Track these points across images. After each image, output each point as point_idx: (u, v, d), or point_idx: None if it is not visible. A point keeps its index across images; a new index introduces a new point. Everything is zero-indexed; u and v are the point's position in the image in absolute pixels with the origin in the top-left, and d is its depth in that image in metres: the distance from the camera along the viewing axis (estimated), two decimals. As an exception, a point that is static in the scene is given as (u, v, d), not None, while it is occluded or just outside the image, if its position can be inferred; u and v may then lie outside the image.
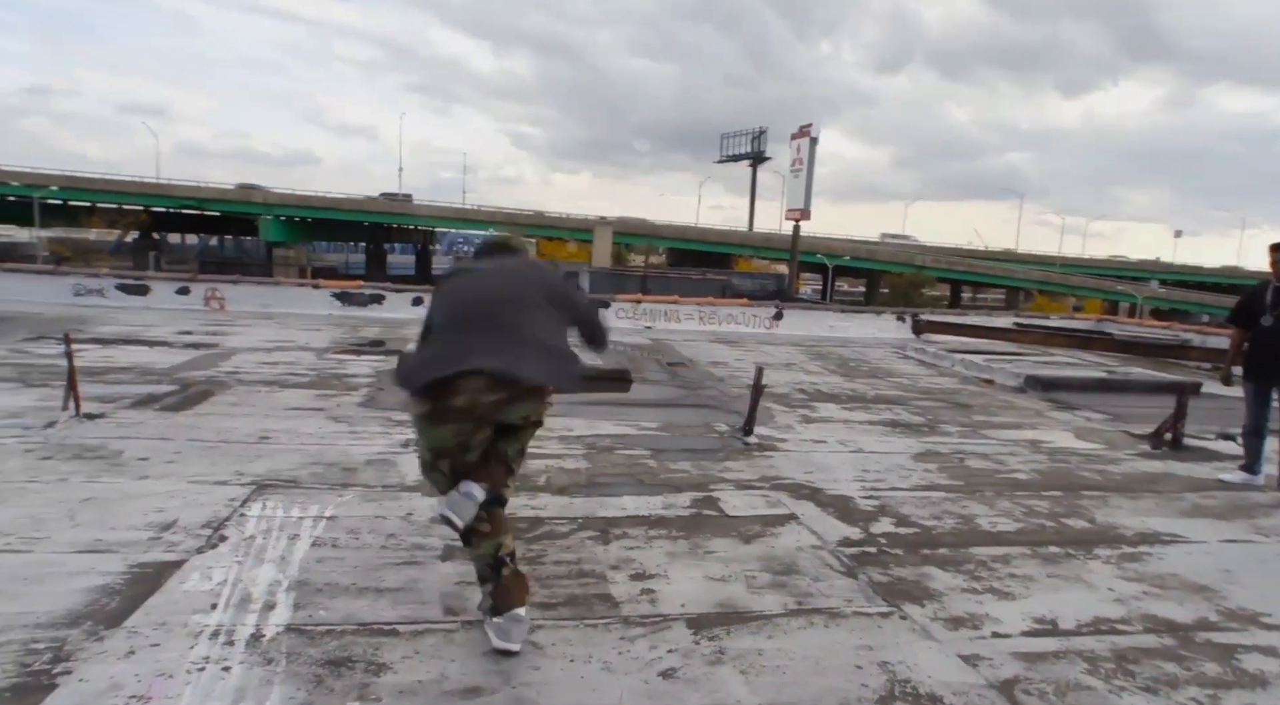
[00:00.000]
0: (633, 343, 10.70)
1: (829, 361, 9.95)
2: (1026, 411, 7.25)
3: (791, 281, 39.63)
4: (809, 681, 2.04)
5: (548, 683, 1.96)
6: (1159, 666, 2.49)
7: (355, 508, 3.21)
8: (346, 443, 4.83)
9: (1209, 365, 10.49)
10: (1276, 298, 4.48)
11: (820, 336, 12.11)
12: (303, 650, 2.04)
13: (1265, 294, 4.57)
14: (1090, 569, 3.36)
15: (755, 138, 77.12)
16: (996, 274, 52.50)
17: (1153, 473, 5.18)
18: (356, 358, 8.30)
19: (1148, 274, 54.67)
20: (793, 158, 37.98)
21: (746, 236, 57.88)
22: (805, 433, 5.87)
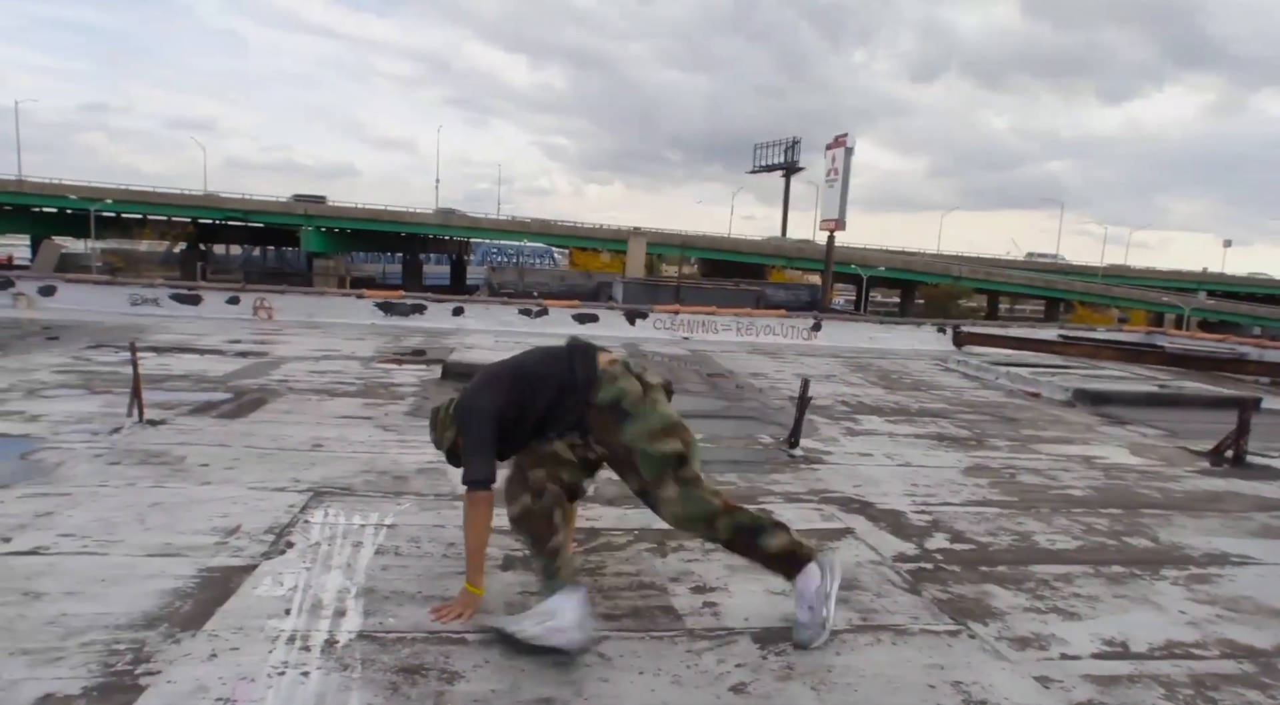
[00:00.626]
0: (671, 353, 10.71)
1: (870, 373, 9.85)
2: (1076, 426, 7.09)
3: (826, 292, 39.31)
4: (882, 701, 2.02)
5: (618, 695, 1.96)
6: (1240, 694, 2.41)
7: (413, 516, 3.26)
8: (396, 451, 4.91)
9: (1267, 379, 10.16)
10: None
11: (860, 348, 11.99)
12: (376, 657, 2.08)
13: None
14: (1158, 590, 3.26)
15: (789, 148, 76.85)
16: (1037, 285, 51.48)
17: (1216, 491, 5.02)
18: (400, 367, 8.44)
19: (1196, 284, 53.22)
20: (827, 168, 37.78)
21: (780, 246, 57.62)
22: (850, 445, 5.81)
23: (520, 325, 11.97)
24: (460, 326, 12.02)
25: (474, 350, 8.80)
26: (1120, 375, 9.89)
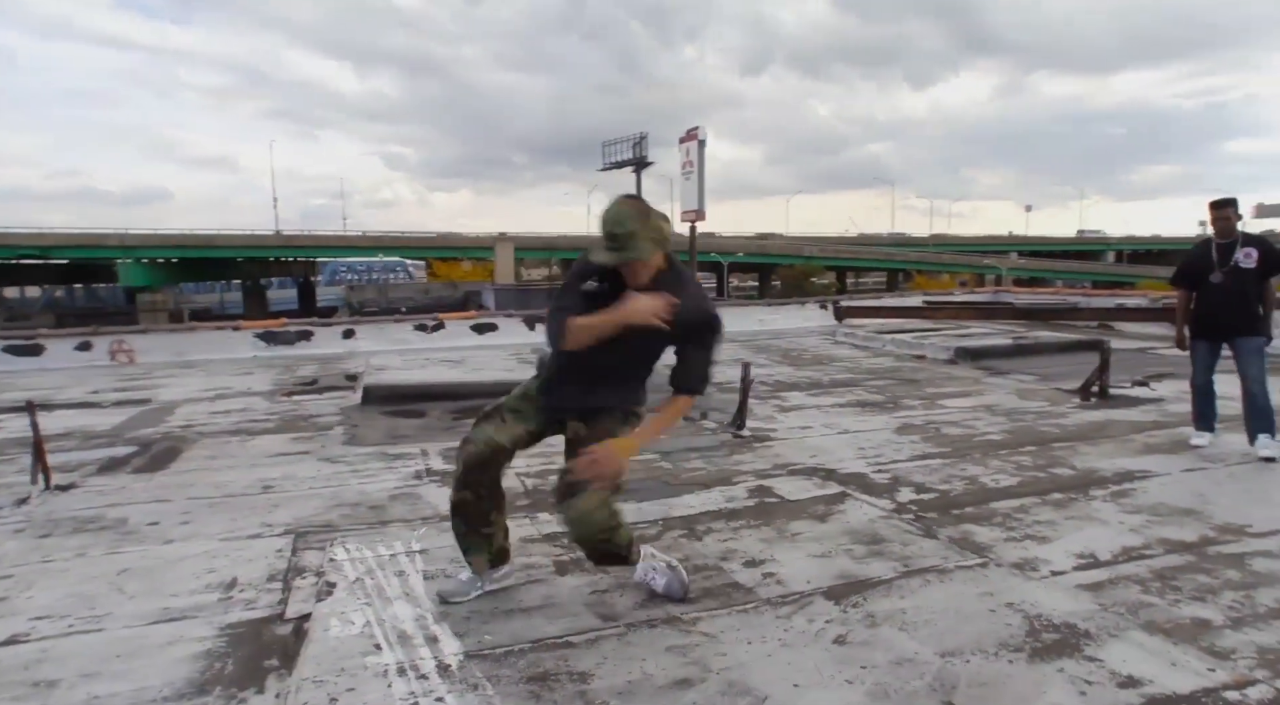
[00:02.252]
0: (579, 354, 10.82)
1: (773, 353, 10.41)
2: (967, 381, 7.91)
3: (692, 281, 40.64)
4: (962, 629, 2.30)
5: (743, 664, 2.11)
6: (1193, 578, 2.90)
7: (438, 539, 3.21)
8: (357, 482, 4.74)
9: (1095, 323, 11.72)
10: (1223, 253, 4.64)
11: (754, 330, 12.61)
12: (498, 672, 2.10)
13: (1209, 252, 4.70)
14: (1095, 508, 3.81)
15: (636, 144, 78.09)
16: (879, 258, 55.81)
17: (1099, 421, 5.83)
18: (313, 396, 8.01)
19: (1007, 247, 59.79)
20: (683, 161, 38.82)
21: (641, 241, 58.66)
22: (788, 421, 6.20)
23: (418, 342, 11.60)
24: (354, 349, 11.48)
25: (387, 371, 8.49)
26: (984, 331, 11.07)
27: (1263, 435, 4.58)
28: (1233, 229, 4.60)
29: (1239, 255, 4.48)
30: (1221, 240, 4.62)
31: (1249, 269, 4.45)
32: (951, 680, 2.02)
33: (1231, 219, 4.60)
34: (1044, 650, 2.20)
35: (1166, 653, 2.21)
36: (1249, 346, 4.55)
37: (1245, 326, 4.54)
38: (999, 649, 2.20)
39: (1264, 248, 4.51)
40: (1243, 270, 4.47)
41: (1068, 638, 2.27)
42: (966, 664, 2.10)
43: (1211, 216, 4.68)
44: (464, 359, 9.66)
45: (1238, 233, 4.60)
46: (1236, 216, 4.63)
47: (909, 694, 1.96)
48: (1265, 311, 4.54)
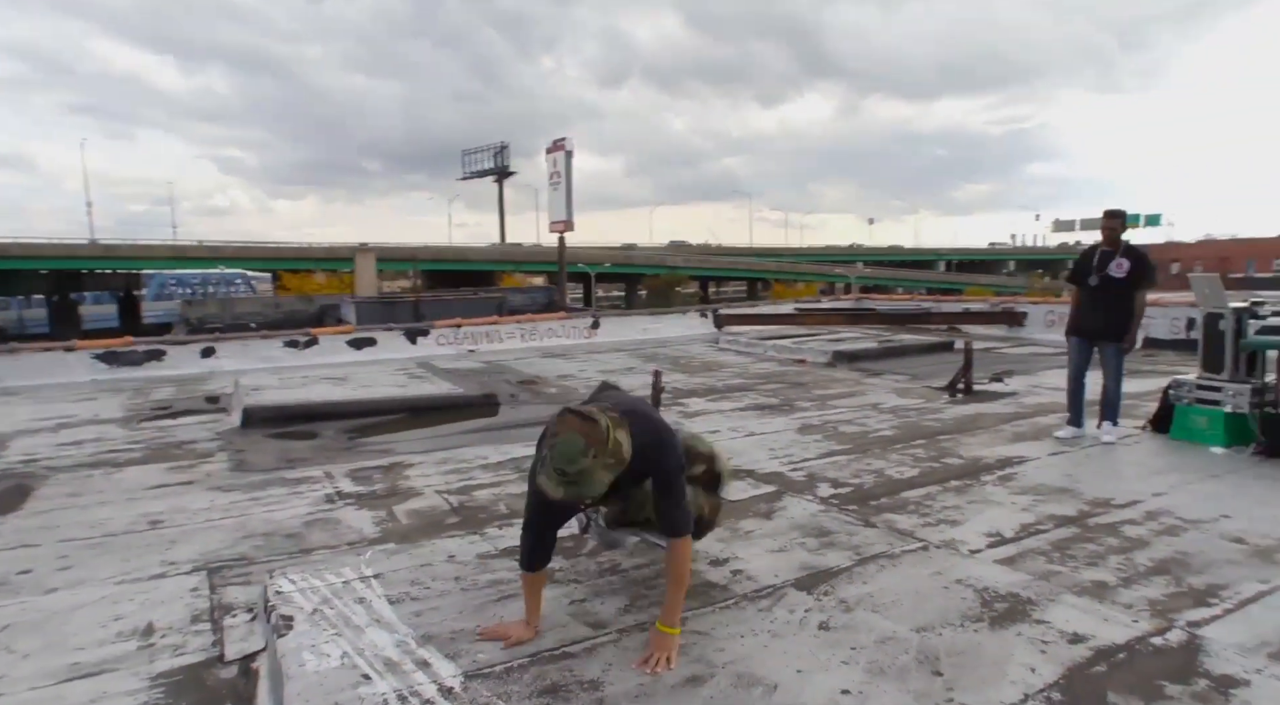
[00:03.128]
0: (467, 367, 10.55)
1: (662, 361, 10.66)
2: (848, 382, 8.49)
3: (561, 292, 40.54)
4: (927, 606, 2.51)
5: (744, 657, 2.19)
6: (1084, 547, 3.32)
7: (387, 563, 3.07)
8: (260, 511, 4.42)
9: (945, 327, 12.92)
10: (1103, 260, 5.05)
11: (639, 339, 12.84)
12: (506, 689, 2.05)
13: (1094, 256, 5.12)
14: (988, 492, 4.24)
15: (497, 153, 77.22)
16: (739, 268, 58.32)
17: (971, 414, 6.47)
18: (178, 421, 7.31)
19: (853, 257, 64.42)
20: (550, 171, 38.86)
21: (509, 252, 58.01)
22: (695, 426, 6.38)
23: (290, 359, 10.85)
24: (215, 368, 10.57)
25: (264, 391, 7.89)
26: (854, 335, 11.90)
27: (1107, 423, 5.27)
28: (1116, 238, 5.10)
29: (1112, 264, 5.08)
30: (1106, 248, 5.12)
31: (1119, 278, 5.06)
32: (933, 652, 2.21)
33: (1116, 229, 5.09)
34: (1000, 618, 2.45)
35: (1096, 611, 2.53)
36: (1110, 350, 5.19)
37: (1109, 331, 5.13)
38: (963, 621, 2.43)
39: (1136, 260, 5.06)
40: (1113, 278, 5.07)
41: (1015, 606, 2.55)
42: (940, 636, 2.31)
43: (1102, 225, 5.23)
44: (347, 376, 9.15)
45: (1121, 243, 5.13)
46: (1122, 228, 5.16)
47: (901, 668, 2.13)
48: (1134, 320, 5.08)
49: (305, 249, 52.31)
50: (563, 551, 3.19)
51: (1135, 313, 5.09)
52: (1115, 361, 5.19)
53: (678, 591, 2.22)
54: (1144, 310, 5.19)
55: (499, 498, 4.52)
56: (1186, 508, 3.80)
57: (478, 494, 4.62)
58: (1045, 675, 2.10)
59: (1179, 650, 2.26)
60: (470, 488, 4.77)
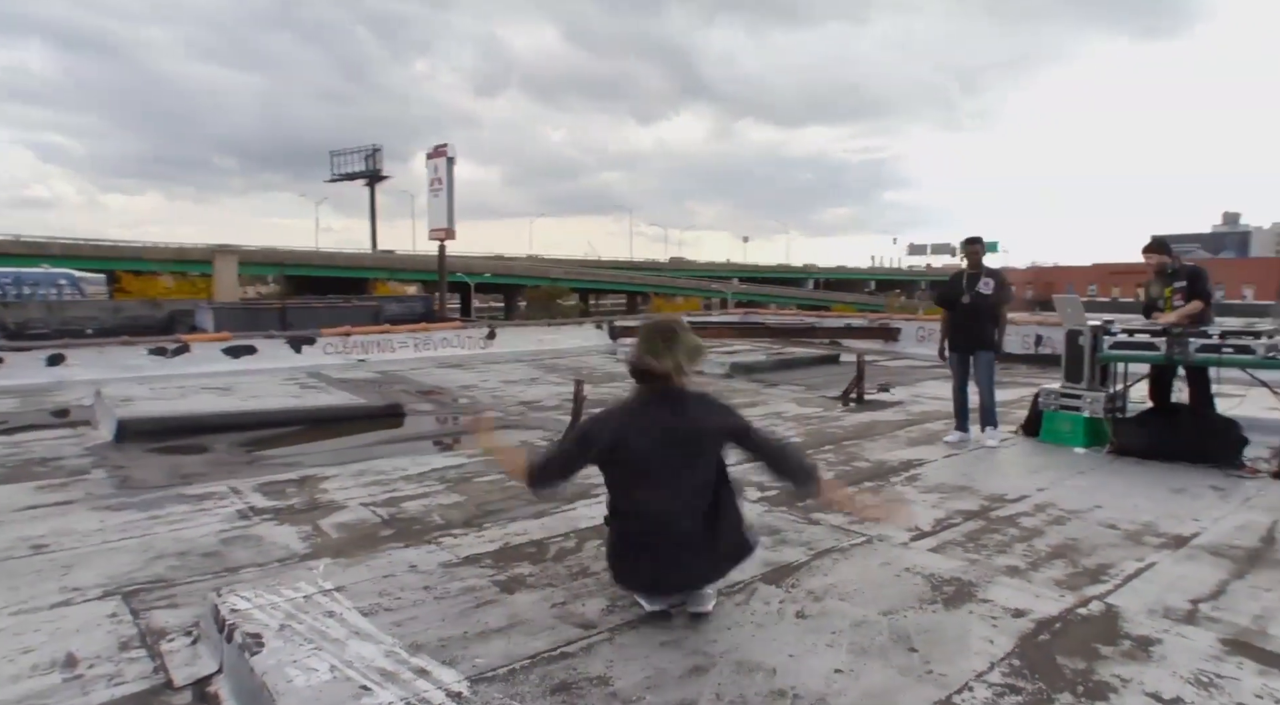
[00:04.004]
0: (360, 377, 10.12)
1: (563, 372, 10.68)
2: (748, 392, 8.88)
3: (441, 301, 39.41)
4: (886, 592, 2.74)
5: (737, 646, 2.30)
6: (992, 537, 3.71)
7: (344, 576, 2.95)
8: (166, 530, 4.11)
9: (827, 341, 13.75)
10: (970, 281, 5.71)
11: (535, 350, 12.78)
12: (518, 690, 2.05)
13: (962, 279, 5.77)
14: (900, 491, 4.62)
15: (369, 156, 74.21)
16: (620, 281, 59.01)
17: (867, 422, 6.97)
18: (35, 436, 6.57)
19: (730, 273, 66.92)
20: (430, 177, 37.72)
21: (383, 259, 55.69)
22: (613, 435, 6.49)
23: (156, 368, 9.96)
24: (65, 378, 9.54)
25: (135, 402, 7.21)
26: (746, 348, 12.43)
27: (989, 427, 5.87)
28: (979, 261, 5.81)
29: (981, 284, 5.71)
30: (971, 271, 5.80)
31: (987, 295, 5.70)
32: (904, 632, 2.43)
33: (978, 253, 5.82)
34: (951, 599, 2.72)
35: (1028, 589, 2.87)
36: (983, 359, 5.80)
37: (982, 342, 5.77)
38: (921, 603, 2.67)
39: (998, 279, 5.78)
40: (983, 296, 5.70)
41: (960, 588, 2.84)
42: (906, 618, 2.54)
43: (964, 251, 5.88)
44: (231, 386, 8.54)
45: (982, 265, 5.84)
46: (983, 251, 5.88)
47: (881, 647, 2.33)
48: (998, 331, 5.81)
49: (150, 249, 47.87)
50: (528, 557, 3.20)
51: (1002, 324, 5.77)
52: (988, 371, 5.80)
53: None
54: (1007, 322, 5.88)
55: (430, 509, 4.43)
56: (1066, 500, 4.32)
57: (406, 506, 4.50)
58: (1002, 646, 2.37)
59: (1101, 618, 2.61)
60: (397, 499, 4.63)
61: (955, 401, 5.94)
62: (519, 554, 3.23)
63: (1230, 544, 3.58)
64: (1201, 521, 3.91)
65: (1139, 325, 5.44)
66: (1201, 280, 5.33)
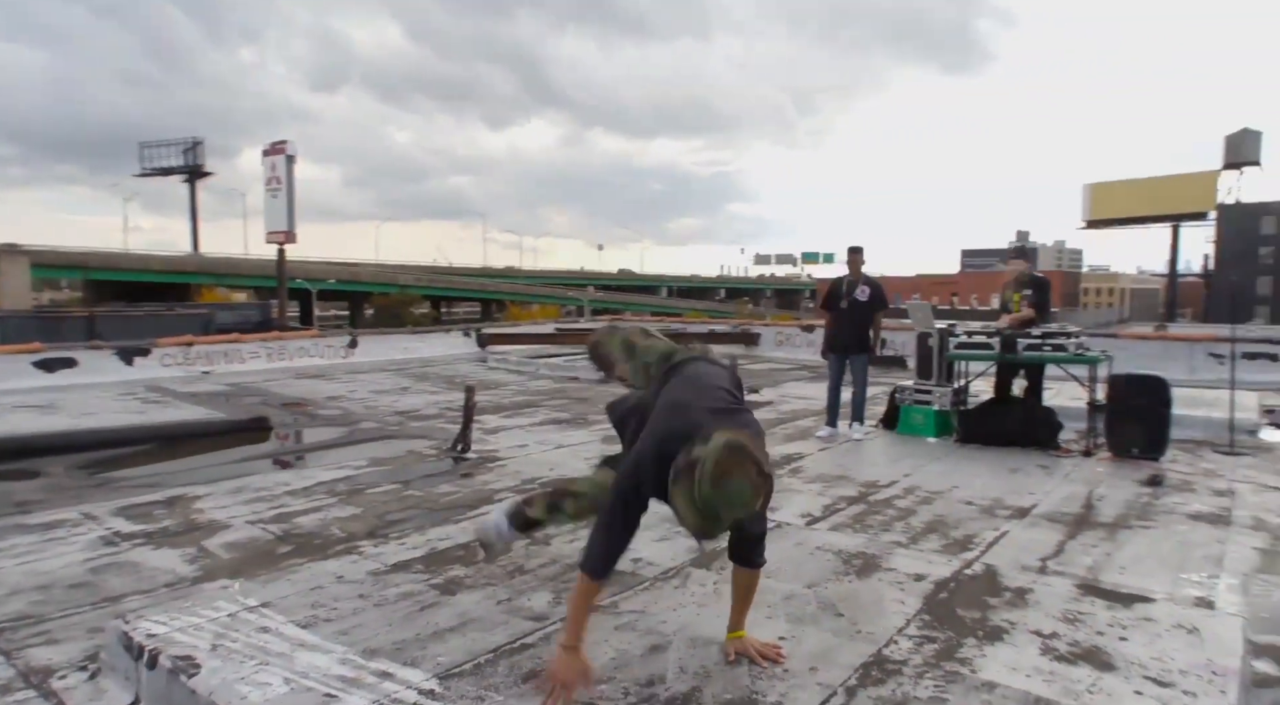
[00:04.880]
0: (208, 390, 9.33)
1: (436, 381, 10.42)
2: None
3: (281, 309, 36.71)
4: (805, 567, 2.99)
5: (687, 625, 2.44)
6: (875, 518, 4.13)
7: (266, 592, 2.81)
8: (13, 563, 3.69)
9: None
10: (850, 288, 6.18)
11: (402, 359, 12.34)
12: (490, 681, 2.06)
13: (843, 285, 6.24)
14: (787, 483, 4.96)
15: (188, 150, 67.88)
16: (474, 288, 57.72)
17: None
18: None
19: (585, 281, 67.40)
20: (268, 176, 35.21)
21: (209, 263, 50.96)
22: (501, 441, 6.47)
23: (-51, 384, 8.65)
24: None
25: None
26: (616, 355, 12.70)
27: (856, 423, 6.45)
28: (859, 269, 6.36)
29: (858, 291, 6.26)
30: (851, 278, 6.32)
31: (863, 301, 6.25)
32: (829, 600, 2.70)
33: (858, 261, 6.36)
34: (862, 570, 3.04)
35: (921, 557, 3.25)
36: (859, 361, 6.36)
37: (858, 345, 6.33)
38: (837, 575, 2.96)
39: (875, 286, 6.32)
40: (860, 302, 6.25)
41: (866, 561, 3.16)
42: (827, 589, 2.81)
43: (847, 259, 6.41)
44: (54, 403, 7.61)
45: (862, 273, 6.38)
46: (862, 260, 6.41)
47: (814, 613, 2.57)
48: (874, 335, 6.37)
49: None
50: (458, 560, 3.19)
51: (877, 329, 6.37)
52: (863, 372, 6.39)
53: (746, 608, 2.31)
54: (882, 326, 6.49)
55: (327, 522, 4.24)
56: (929, 483, 4.87)
57: (300, 521, 4.28)
58: (912, 605, 2.69)
59: (984, 577, 3.02)
60: (288, 515, 4.39)
61: (829, 399, 6.46)
62: (448, 558, 3.21)
63: (1061, 512, 4.21)
64: (1036, 495, 4.56)
65: (977, 328, 6.21)
66: (1043, 292, 6.19)
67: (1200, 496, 4.50)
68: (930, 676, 2.17)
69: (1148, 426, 5.36)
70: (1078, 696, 2.05)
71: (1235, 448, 5.69)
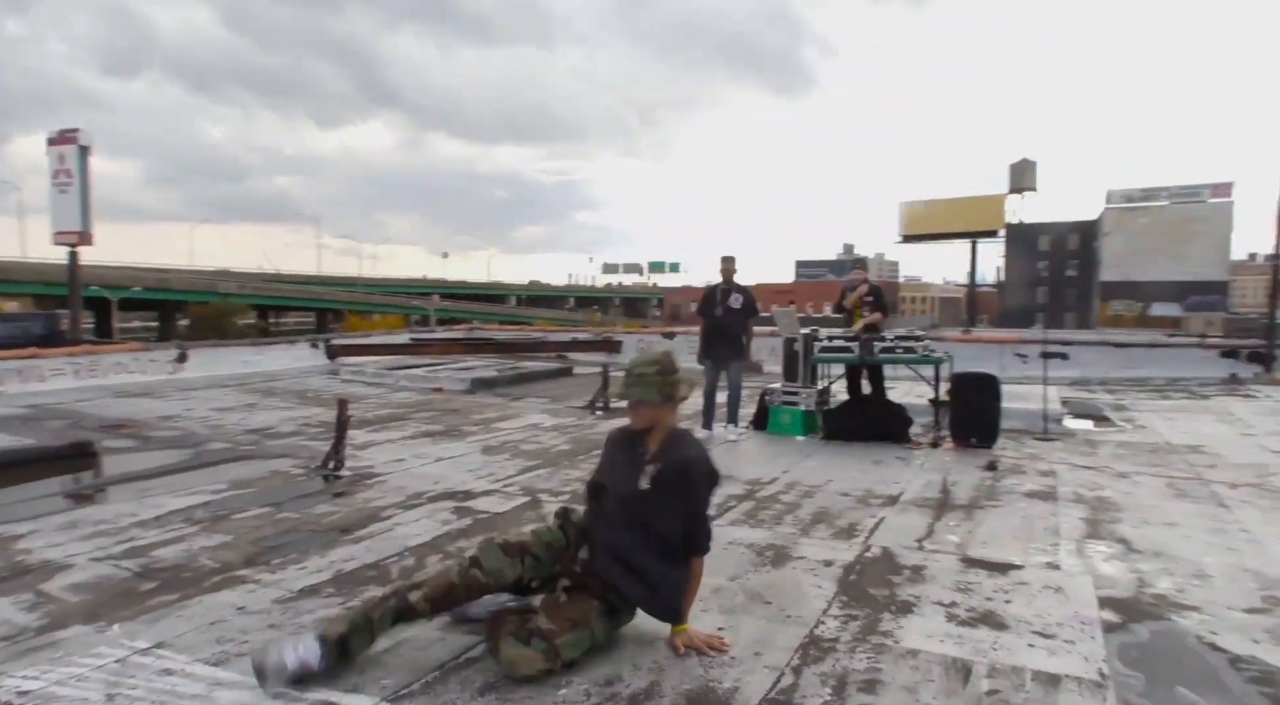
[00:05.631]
0: (6, 414, 8.09)
1: (287, 397, 9.67)
2: (497, 406, 8.96)
3: (76, 320, 32.35)
4: (725, 562, 3.11)
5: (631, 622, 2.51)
6: (766, 513, 4.35)
7: (157, 631, 2.52)
8: None
9: (555, 354, 14.32)
10: (723, 296, 6.47)
11: (242, 373, 11.32)
12: (445, 698, 1.98)
13: (715, 294, 6.53)
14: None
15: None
16: (309, 297, 53.83)
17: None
18: None
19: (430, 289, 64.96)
20: (55, 169, 31.10)
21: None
22: (375, 456, 6.16)
23: None
24: None
25: None
26: (479, 363, 12.41)
27: (731, 425, 6.76)
28: (731, 277, 6.64)
29: (731, 298, 6.55)
30: (724, 285, 6.60)
31: (736, 308, 6.55)
32: (754, 590, 2.84)
33: (731, 269, 6.63)
34: (776, 560, 3.22)
35: (825, 544, 3.49)
36: (734, 366, 6.66)
37: (732, 351, 6.62)
38: (755, 567, 3.12)
39: (747, 294, 6.64)
40: (733, 309, 6.54)
41: (778, 552, 3.35)
42: (750, 580, 2.95)
43: (720, 267, 6.67)
44: None
45: (734, 281, 6.66)
46: (734, 269, 6.70)
47: (744, 603, 2.70)
48: (746, 341, 6.68)
49: None
50: (370, 580, 3.01)
51: (749, 335, 6.71)
52: (737, 375, 6.71)
53: (693, 597, 2.48)
54: (753, 332, 6.85)
55: (193, 553, 3.85)
56: (806, 478, 5.22)
57: (160, 554, 3.85)
58: (829, 589, 2.90)
59: (882, 558, 3.31)
60: (142, 548, 3.94)
61: (705, 403, 6.72)
62: (359, 578, 3.04)
63: (924, 497, 4.68)
64: (900, 484, 5.03)
65: (839, 333, 6.74)
66: (882, 297, 6.80)
67: (1030, 478, 5.16)
68: (861, 650, 2.36)
69: (984, 419, 6.07)
70: (985, 654, 2.33)
71: (1049, 434, 6.58)
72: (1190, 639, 2.59)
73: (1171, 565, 3.34)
